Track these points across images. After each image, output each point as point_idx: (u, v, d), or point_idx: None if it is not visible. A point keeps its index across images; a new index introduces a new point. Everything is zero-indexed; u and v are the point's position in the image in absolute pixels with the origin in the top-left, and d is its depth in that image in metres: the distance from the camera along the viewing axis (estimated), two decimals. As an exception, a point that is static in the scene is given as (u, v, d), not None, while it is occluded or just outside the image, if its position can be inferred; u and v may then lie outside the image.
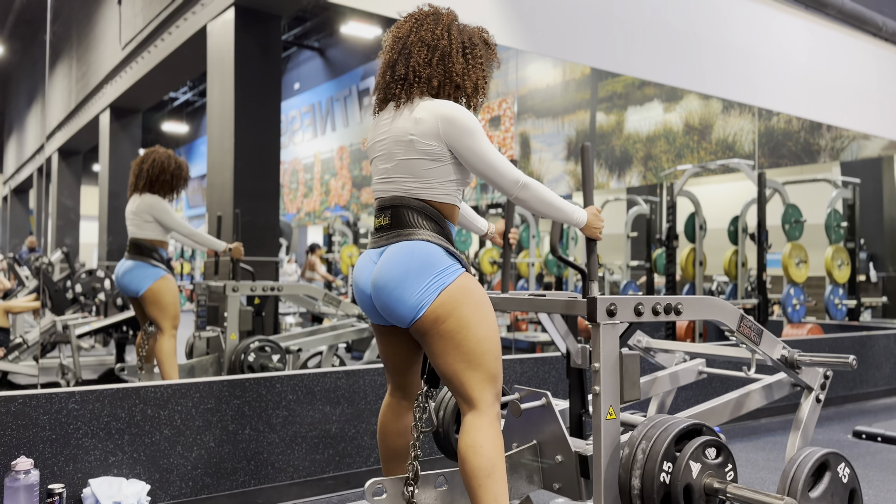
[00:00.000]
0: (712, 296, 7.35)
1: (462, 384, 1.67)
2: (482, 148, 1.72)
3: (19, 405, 2.41)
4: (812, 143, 6.70)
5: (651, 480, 1.67)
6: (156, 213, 3.70)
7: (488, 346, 1.67)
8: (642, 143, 8.03)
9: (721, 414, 2.26)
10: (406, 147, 1.72)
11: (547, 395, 2.00)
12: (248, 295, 4.23)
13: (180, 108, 20.41)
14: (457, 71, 1.78)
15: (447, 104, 1.73)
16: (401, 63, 1.78)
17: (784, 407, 4.49)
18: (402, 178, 1.74)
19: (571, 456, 1.89)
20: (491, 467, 1.60)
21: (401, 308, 1.67)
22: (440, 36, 1.77)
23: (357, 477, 3.06)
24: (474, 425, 1.64)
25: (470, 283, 1.69)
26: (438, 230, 1.73)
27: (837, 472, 2.11)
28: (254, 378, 2.88)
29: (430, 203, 1.74)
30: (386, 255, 1.70)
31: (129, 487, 2.44)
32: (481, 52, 1.84)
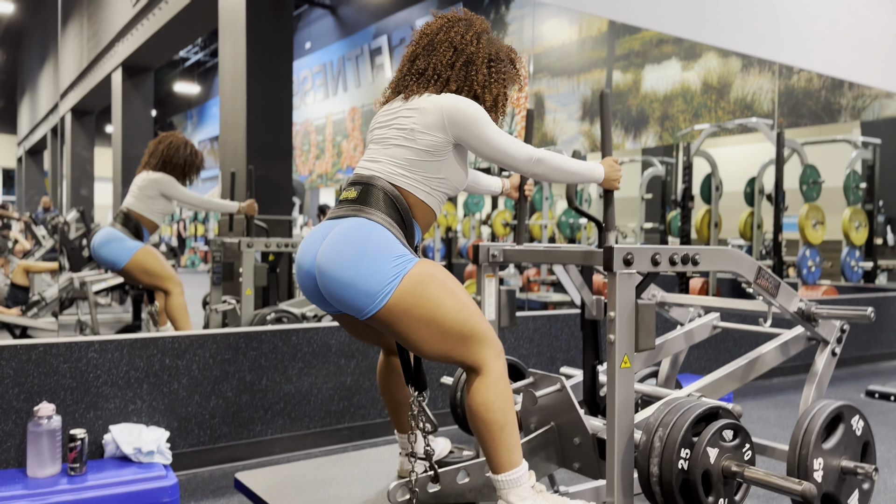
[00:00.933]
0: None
1: (459, 357, 1.63)
2: (490, 134, 1.68)
3: (40, 353, 2.45)
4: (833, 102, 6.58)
5: (670, 468, 1.69)
6: (162, 187, 3.67)
7: (467, 312, 1.61)
8: (659, 102, 7.91)
9: (737, 378, 2.27)
10: (405, 135, 1.67)
11: (561, 380, 2.01)
12: (262, 251, 4.25)
13: (192, 68, 20.32)
14: (478, 81, 1.73)
15: (449, 96, 1.68)
16: (422, 58, 1.74)
17: (797, 367, 4.49)
18: (390, 161, 1.68)
19: (589, 438, 1.91)
20: (504, 420, 1.61)
21: (355, 297, 1.53)
22: (469, 41, 1.73)
23: (371, 428, 3.10)
24: (483, 384, 1.62)
25: (429, 266, 1.61)
26: (399, 222, 1.65)
27: (851, 424, 2.12)
28: (270, 330, 2.91)
29: (405, 195, 1.67)
30: (336, 233, 1.59)
31: (148, 434, 2.49)
32: (506, 68, 1.80)
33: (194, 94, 21.53)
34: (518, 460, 1.61)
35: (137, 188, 3.72)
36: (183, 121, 24.14)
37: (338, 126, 15.32)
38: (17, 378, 2.41)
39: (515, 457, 1.60)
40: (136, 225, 3.66)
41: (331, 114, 15.62)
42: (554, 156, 1.77)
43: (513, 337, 3.46)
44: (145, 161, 3.77)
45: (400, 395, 1.96)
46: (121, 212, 3.69)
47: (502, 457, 1.60)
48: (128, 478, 2.30)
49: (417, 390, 1.77)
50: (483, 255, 2.21)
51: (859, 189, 6.06)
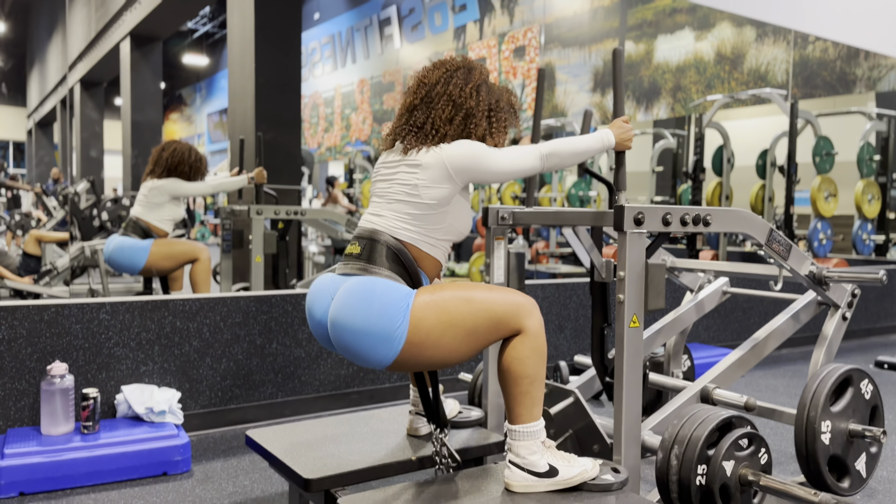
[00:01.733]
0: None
1: (497, 339, 1.64)
2: (495, 163, 1.68)
3: (52, 314, 2.47)
4: (848, 73, 6.48)
5: (688, 485, 1.70)
6: (170, 190, 3.69)
7: (485, 305, 1.61)
8: (671, 73, 7.81)
9: (749, 361, 2.27)
10: (408, 192, 1.67)
11: (575, 392, 2.02)
12: (272, 219, 4.26)
13: (200, 40, 20.20)
14: (478, 134, 1.72)
15: (446, 146, 1.67)
16: (421, 111, 1.71)
17: (805, 338, 4.48)
18: (393, 215, 1.68)
19: (607, 446, 1.93)
20: (535, 374, 1.62)
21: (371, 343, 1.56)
22: (469, 95, 1.71)
23: (381, 392, 3.13)
24: (521, 341, 1.62)
25: (427, 290, 1.62)
26: (405, 275, 1.65)
27: (860, 388, 2.12)
28: (280, 294, 2.92)
29: (409, 248, 1.68)
30: (344, 290, 1.61)
31: (160, 394, 2.51)
32: (506, 115, 1.78)
33: (203, 66, 21.46)
34: (538, 414, 1.62)
35: (144, 196, 3.73)
36: (192, 93, 24.10)
37: (346, 98, 15.25)
38: (31, 338, 2.43)
39: (536, 410, 1.62)
40: (146, 232, 3.68)
41: (339, 86, 15.54)
42: (562, 144, 1.76)
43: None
44: (150, 170, 3.78)
45: None
46: (130, 220, 3.72)
47: (525, 408, 1.61)
48: (140, 436, 2.33)
49: (439, 427, 1.80)
50: (493, 217, 2.20)
51: (873, 161, 5.99)
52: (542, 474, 1.58)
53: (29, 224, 8.85)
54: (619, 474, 1.65)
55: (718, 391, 2.17)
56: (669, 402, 2.14)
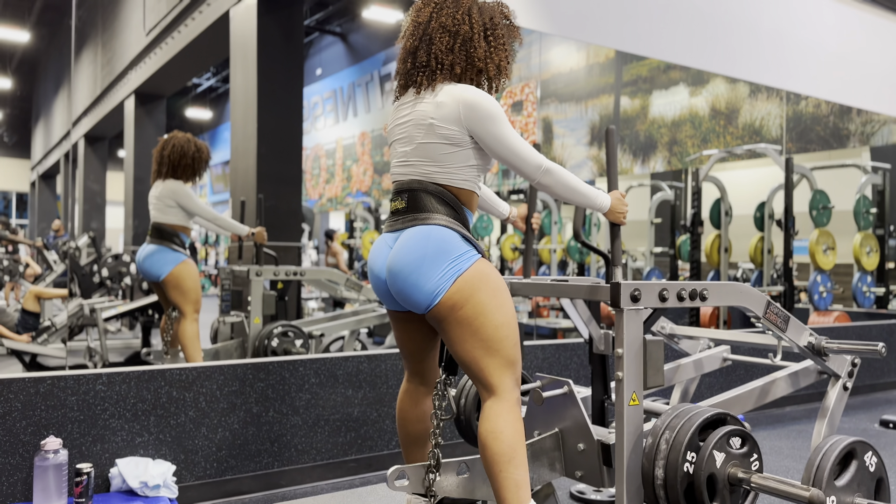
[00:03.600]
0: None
1: (481, 370, 1.65)
2: (504, 133, 1.70)
3: (48, 386, 2.45)
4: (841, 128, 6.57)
5: (675, 471, 1.66)
6: (178, 197, 3.74)
7: (506, 331, 1.66)
8: (667, 127, 7.93)
9: (746, 402, 2.24)
10: (426, 130, 1.71)
11: (569, 384, 1.99)
12: (271, 279, 4.26)
13: (204, 94, 20.56)
14: (479, 56, 1.76)
15: (469, 89, 1.71)
16: (422, 50, 1.76)
17: (810, 395, 4.44)
18: (421, 161, 1.72)
19: (594, 444, 1.88)
20: (512, 452, 1.60)
21: (417, 294, 1.66)
22: (461, 21, 1.75)
23: (379, 460, 3.08)
24: (494, 411, 1.63)
25: (486, 269, 1.67)
26: (454, 215, 1.71)
27: (864, 460, 2.08)
28: (277, 361, 2.90)
29: (447, 188, 1.72)
30: (401, 241, 1.69)
31: (155, 468, 2.48)
32: (502, 31, 1.82)
33: (206, 119, 21.76)
34: (525, 498, 1.59)
35: (156, 199, 3.77)
36: (194, 145, 24.36)
37: (348, 150, 15.43)
38: (25, 411, 2.41)
39: (523, 494, 1.59)
40: (171, 233, 3.72)
41: (341, 138, 15.74)
42: (563, 171, 1.78)
43: (523, 366, 3.43)
44: (156, 170, 3.83)
45: (417, 427, 1.94)
46: (152, 226, 3.76)
47: (509, 492, 1.58)
48: (133, 513, 2.29)
49: (447, 373, 1.83)
50: (490, 288, 2.20)
51: (870, 214, 6.03)
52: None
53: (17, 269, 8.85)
54: (621, 558, 1.62)
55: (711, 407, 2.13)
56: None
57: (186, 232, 3.82)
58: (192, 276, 3.76)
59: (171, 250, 3.71)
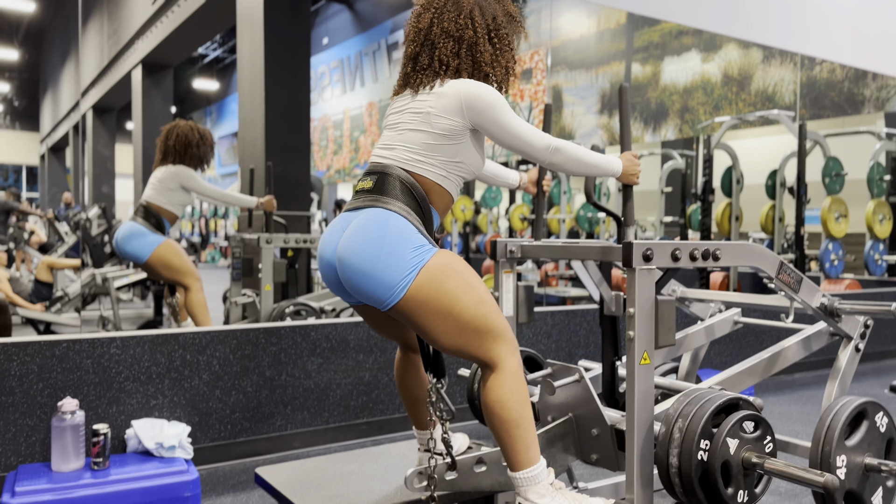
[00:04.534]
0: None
1: (474, 352, 1.63)
2: (507, 120, 1.67)
3: (63, 349, 2.48)
4: (856, 94, 6.47)
5: (689, 459, 1.67)
6: (183, 180, 3.70)
7: (484, 308, 1.61)
8: (679, 94, 7.83)
9: (758, 372, 2.24)
10: (420, 119, 1.66)
11: (580, 371, 1.99)
12: (281, 247, 4.27)
13: (211, 64, 20.44)
14: (485, 60, 1.71)
15: (470, 81, 1.66)
16: (425, 55, 1.71)
17: (819, 362, 4.44)
18: (403, 147, 1.67)
19: (607, 430, 1.90)
20: (519, 417, 1.60)
21: (375, 288, 1.55)
22: (464, 25, 1.70)
23: (390, 423, 3.11)
24: (497, 381, 1.62)
25: (448, 257, 1.61)
26: (417, 209, 1.64)
27: (875, 421, 2.09)
28: (290, 326, 2.92)
29: (420, 181, 1.66)
30: (355, 224, 1.59)
31: (170, 429, 2.51)
32: (506, 30, 1.77)
33: (213, 90, 21.68)
34: (535, 458, 1.60)
35: (157, 181, 3.74)
36: (202, 117, 24.31)
37: (355, 121, 15.36)
38: (42, 374, 2.44)
39: (532, 454, 1.60)
40: (157, 217, 3.68)
41: (348, 109, 15.66)
42: (571, 146, 1.75)
43: (531, 332, 3.45)
44: (160, 158, 3.79)
45: (417, 391, 1.96)
46: (141, 205, 3.71)
47: (519, 454, 1.59)
48: (150, 472, 2.33)
49: (436, 377, 1.77)
50: (500, 250, 2.20)
51: (883, 181, 5.96)
52: (554, 517, 1.57)
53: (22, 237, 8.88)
54: (632, 514, 1.63)
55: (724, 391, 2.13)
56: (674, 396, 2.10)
57: (172, 220, 3.76)
58: (175, 253, 3.72)
59: (149, 233, 3.64)
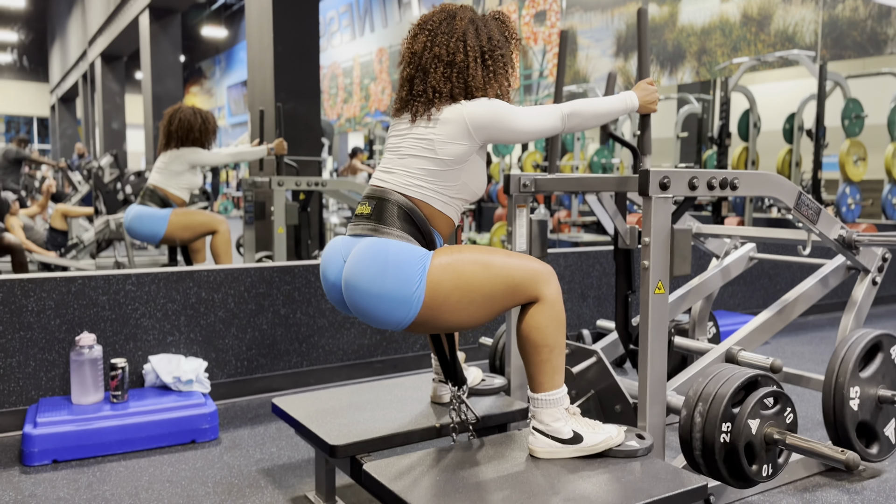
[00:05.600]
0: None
1: (514, 305, 1.62)
2: (517, 122, 1.65)
3: (79, 285, 2.50)
4: (879, 33, 6.27)
5: (712, 441, 1.68)
6: (189, 159, 3.68)
7: (503, 272, 1.60)
8: (696, 36, 7.64)
9: (776, 325, 2.24)
10: (424, 146, 1.64)
11: (598, 353, 2.00)
12: (293, 190, 4.26)
13: (219, 11, 20.12)
14: (476, 84, 1.67)
15: (469, 103, 1.64)
16: (418, 80, 1.68)
17: (833, 304, 4.42)
18: (404, 172, 1.65)
19: (630, 406, 1.91)
20: (554, 343, 1.61)
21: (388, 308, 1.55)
22: (455, 49, 1.66)
23: (404, 362, 3.14)
24: (538, 310, 1.61)
25: (444, 251, 1.60)
26: (417, 235, 1.63)
27: (891, 353, 2.08)
28: (303, 265, 2.93)
29: (420, 206, 1.65)
30: (357, 252, 1.59)
31: (187, 364, 2.55)
32: (502, 51, 1.72)
33: (222, 38, 21.41)
34: (560, 382, 1.61)
35: (164, 164, 3.72)
36: (211, 66, 24.09)
37: (365, 68, 15.14)
38: (59, 309, 2.47)
39: (558, 378, 1.61)
40: (163, 199, 3.68)
41: (358, 56, 15.42)
42: (585, 104, 1.73)
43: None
44: (163, 143, 3.76)
45: None
46: (147, 188, 3.71)
47: (545, 376, 1.61)
48: (168, 405, 2.37)
49: (457, 385, 1.79)
50: (514, 185, 2.18)
51: (905, 124, 5.83)
52: (566, 441, 1.58)
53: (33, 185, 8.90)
54: (644, 440, 1.65)
55: (744, 353, 2.14)
56: (693, 364, 2.12)
57: (180, 203, 3.75)
58: (187, 213, 3.72)
59: (156, 210, 3.65)
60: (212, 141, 3.84)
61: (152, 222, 3.65)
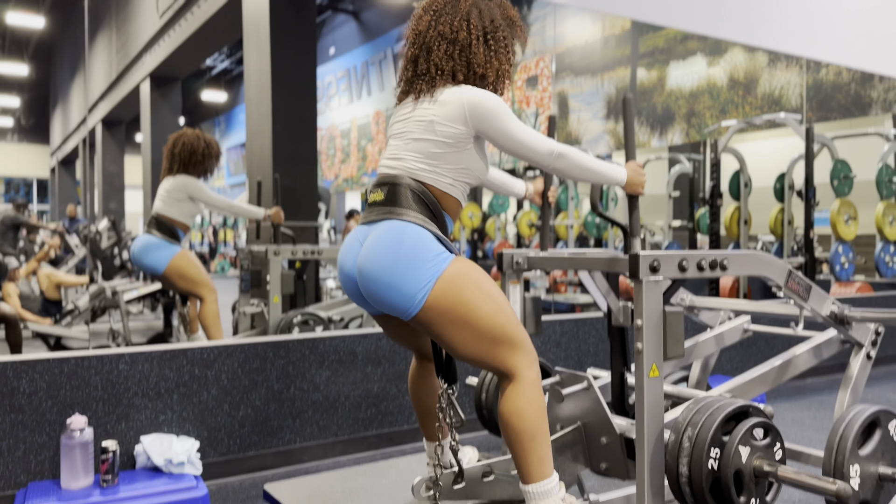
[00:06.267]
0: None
1: (492, 361, 1.63)
2: (511, 127, 1.68)
3: (72, 366, 2.49)
4: (863, 96, 6.43)
5: (699, 468, 1.66)
6: (190, 191, 3.73)
7: (502, 317, 1.62)
8: (685, 99, 7.81)
9: (769, 380, 2.22)
10: (424, 127, 1.68)
11: (588, 378, 1.98)
12: (289, 259, 4.28)
13: (219, 76, 20.55)
14: (478, 62, 1.73)
15: (471, 88, 1.68)
16: (422, 58, 1.73)
17: (832, 367, 4.40)
18: (411, 156, 1.69)
19: (617, 438, 1.88)
20: (535, 430, 1.60)
21: (395, 299, 1.58)
22: (458, 27, 1.72)
23: (399, 435, 3.10)
24: (515, 392, 1.62)
25: (464, 265, 1.63)
26: (431, 217, 1.67)
27: (889, 429, 2.06)
28: (297, 339, 2.92)
29: (430, 189, 1.69)
30: (373, 237, 1.63)
31: (179, 444, 2.51)
32: (504, 33, 1.78)
33: (221, 101, 21.80)
34: (549, 471, 1.59)
35: (166, 192, 3.77)
36: (211, 128, 24.46)
37: (362, 130, 15.40)
38: (51, 391, 2.45)
39: (546, 467, 1.59)
40: (170, 228, 3.72)
41: (355, 118, 15.70)
42: (576, 152, 1.75)
43: (540, 341, 3.44)
44: (167, 167, 3.82)
45: (430, 401, 1.95)
46: (152, 217, 3.76)
47: (532, 467, 1.59)
48: (159, 489, 2.32)
49: (447, 383, 1.78)
50: (507, 262, 2.19)
51: (892, 183, 5.91)
52: (563, 533, 1.55)
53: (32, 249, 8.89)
54: (643, 529, 1.62)
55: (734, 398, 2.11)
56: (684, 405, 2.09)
57: (185, 229, 3.81)
58: (192, 264, 3.76)
59: (166, 244, 3.69)
60: (214, 167, 3.89)
61: (158, 256, 3.68)
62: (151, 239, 3.70)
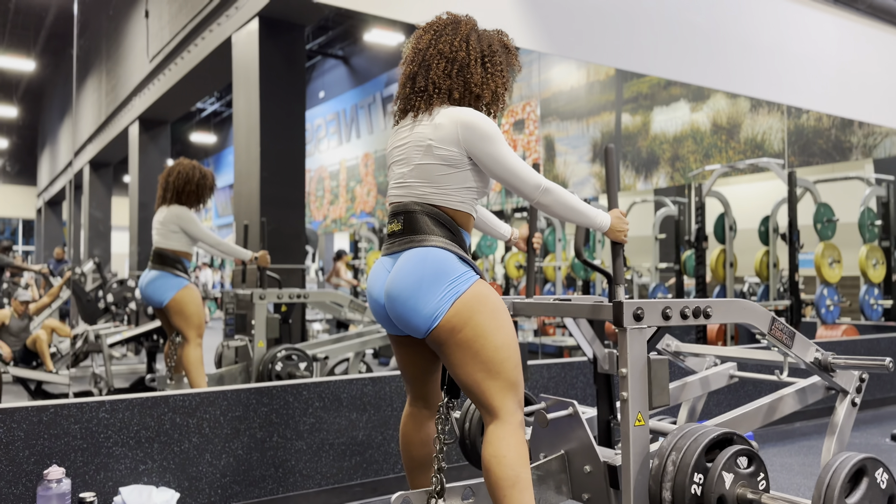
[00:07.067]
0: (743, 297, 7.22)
1: (482, 394, 1.64)
2: (502, 153, 1.71)
3: (51, 415, 2.44)
4: (843, 141, 6.56)
5: (682, 493, 1.64)
6: (183, 223, 3.75)
7: (506, 353, 1.64)
8: (669, 143, 7.93)
9: (754, 420, 2.22)
10: (424, 152, 1.72)
11: (574, 405, 1.97)
12: (274, 302, 4.26)
13: (208, 118, 20.69)
14: (475, 81, 1.77)
15: (466, 110, 1.72)
16: (420, 76, 1.77)
17: (819, 410, 4.39)
18: (417, 182, 1.73)
19: (600, 466, 1.86)
20: (515, 477, 1.58)
21: (415, 318, 1.65)
22: (458, 47, 1.77)
23: (384, 484, 3.05)
24: (497, 435, 1.61)
25: (485, 290, 1.66)
26: (451, 237, 1.71)
27: (875, 477, 2.05)
28: (281, 385, 2.89)
29: (443, 209, 1.72)
30: (399, 264, 1.69)
31: (159, 495, 2.46)
32: (500, 58, 1.83)
33: (210, 143, 21.89)
34: None
35: (160, 224, 3.78)
36: (199, 169, 24.50)
37: (351, 172, 15.49)
38: (28, 440, 2.40)
39: None
40: (173, 259, 3.73)
41: (344, 160, 15.81)
42: (562, 191, 1.78)
43: (527, 385, 3.41)
44: (161, 196, 3.84)
45: (421, 451, 1.93)
46: (153, 252, 3.77)
47: None
48: (137, 542, 2.26)
49: (450, 396, 1.82)
50: (492, 309, 2.19)
51: (875, 226, 6.00)
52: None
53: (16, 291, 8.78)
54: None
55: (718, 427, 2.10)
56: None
57: (188, 258, 3.83)
58: (194, 301, 3.76)
59: (173, 276, 3.71)
60: (208, 197, 3.89)
61: (164, 286, 3.69)
62: (157, 272, 3.72)
